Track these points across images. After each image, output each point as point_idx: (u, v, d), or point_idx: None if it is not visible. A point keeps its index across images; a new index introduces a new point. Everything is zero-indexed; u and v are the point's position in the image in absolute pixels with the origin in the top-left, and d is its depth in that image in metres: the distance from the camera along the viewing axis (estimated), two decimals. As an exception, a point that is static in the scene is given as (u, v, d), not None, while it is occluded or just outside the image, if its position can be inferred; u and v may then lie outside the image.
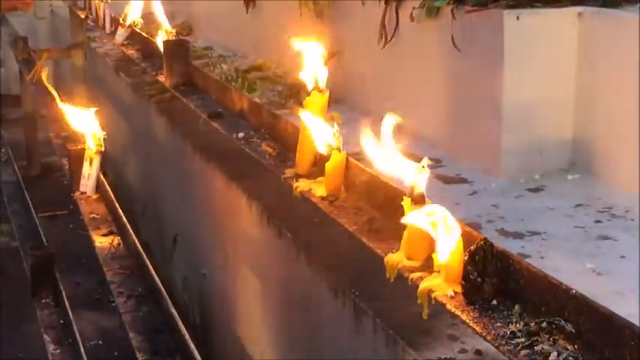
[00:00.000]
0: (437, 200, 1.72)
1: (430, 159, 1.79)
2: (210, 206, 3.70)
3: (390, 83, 4.00)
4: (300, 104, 2.36)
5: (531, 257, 2.58)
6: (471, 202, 3.09)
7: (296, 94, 4.37)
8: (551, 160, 3.33)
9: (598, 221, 2.88)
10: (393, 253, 1.77)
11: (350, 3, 4.29)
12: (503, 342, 1.45)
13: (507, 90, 3.27)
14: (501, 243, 2.33)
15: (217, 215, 3.59)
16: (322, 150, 2.20)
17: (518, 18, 3.23)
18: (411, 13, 3.71)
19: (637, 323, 1.36)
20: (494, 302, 1.54)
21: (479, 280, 1.54)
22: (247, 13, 5.60)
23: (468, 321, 1.52)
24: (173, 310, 2.68)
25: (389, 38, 3.91)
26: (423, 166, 1.71)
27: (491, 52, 3.29)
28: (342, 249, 2.35)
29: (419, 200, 1.69)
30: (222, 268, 3.56)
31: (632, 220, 2.87)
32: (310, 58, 2.37)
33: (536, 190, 3.20)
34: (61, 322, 3.04)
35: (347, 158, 2.17)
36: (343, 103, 4.20)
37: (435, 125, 3.66)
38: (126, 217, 3.28)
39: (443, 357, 1.95)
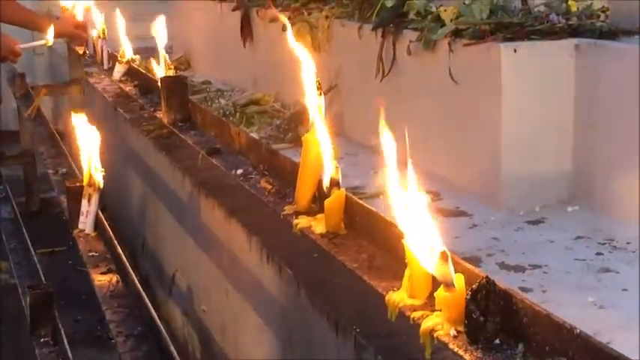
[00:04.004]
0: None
1: (429, 192, 1.78)
2: (209, 242, 3.68)
3: (387, 116, 4.00)
4: (299, 138, 2.35)
5: (533, 291, 2.57)
6: (470, 236, 3.08)
7: (294, 127, 4.38)
8: (551, 192, 3.33)
9: (599, 253, 2.88)
10: (394, 291, 1.76)
11: (347, 36, 4.30)
12: (508, 381, 1.44)
13: (505, 122, 3.28)
14: (502, 277, 2.32)
15: (217, 251, 3.57)
16: (322, 186, 2.19)
17: (515, 51, 3.24)
18: (408, 47, 3.72)
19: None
20: (498, 341, 1.52)
21: (481, 319, 1.52)
22: (245, 47, 5.62)
23: (471, 360, 1.51)
24: (172, 349, 2.66)
25: (386, 71, 3.92)
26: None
27: (489, 84, 3.30)
28: (342, 286, 2.34)
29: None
30: (222, 304, 3.54)
31: (634, 252, 2.86)
32: (308, 92, 2.36)
33: (536, 222, 3.19)
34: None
35: (346, 195, 2.16)
36: (341, 136, 4.19)
37: (433, 158, 3.65)
38: (125, 254, 3.26)
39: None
